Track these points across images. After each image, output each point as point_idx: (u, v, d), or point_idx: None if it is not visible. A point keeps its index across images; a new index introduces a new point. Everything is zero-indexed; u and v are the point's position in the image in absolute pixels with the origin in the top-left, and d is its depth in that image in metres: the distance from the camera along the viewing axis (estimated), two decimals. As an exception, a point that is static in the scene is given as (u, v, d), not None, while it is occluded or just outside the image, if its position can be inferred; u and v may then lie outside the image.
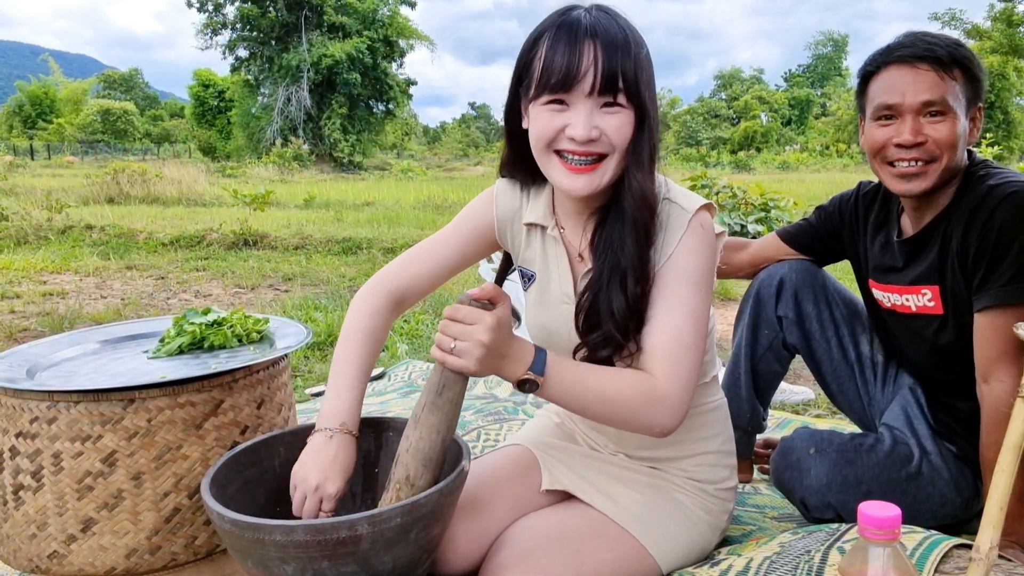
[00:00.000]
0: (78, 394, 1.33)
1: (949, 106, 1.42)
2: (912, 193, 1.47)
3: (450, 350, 1.11)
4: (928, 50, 1.42)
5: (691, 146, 45.99)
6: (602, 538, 1.32)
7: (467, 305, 1.12)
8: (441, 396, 1.18)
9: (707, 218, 1.25)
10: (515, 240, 1.43)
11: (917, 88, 1.43)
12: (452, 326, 1.12)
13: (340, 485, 1.25)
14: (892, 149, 1.47)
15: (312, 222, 9.71)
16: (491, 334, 1.10)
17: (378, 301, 1.40)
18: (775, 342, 1.81)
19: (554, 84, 1.15)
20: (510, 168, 1.39)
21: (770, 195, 7.39)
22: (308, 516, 1.23)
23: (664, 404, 1.17)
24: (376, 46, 36.69)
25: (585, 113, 1.15)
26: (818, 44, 74.06)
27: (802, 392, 2.85)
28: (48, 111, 55.28)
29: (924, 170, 1.44)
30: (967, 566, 1.06)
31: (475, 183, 18.52)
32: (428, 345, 3.81)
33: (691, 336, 1.20)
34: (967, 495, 1.56)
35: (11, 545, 1.40)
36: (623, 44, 1.14)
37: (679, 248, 1.21)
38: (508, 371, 1.14)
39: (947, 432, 1.59)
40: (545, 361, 1.16)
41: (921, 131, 1.43)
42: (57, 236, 8.54)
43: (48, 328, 4.34)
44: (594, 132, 1.15)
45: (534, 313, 1.41)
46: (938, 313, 1.52)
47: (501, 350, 1.12)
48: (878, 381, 1.78)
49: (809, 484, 1.54)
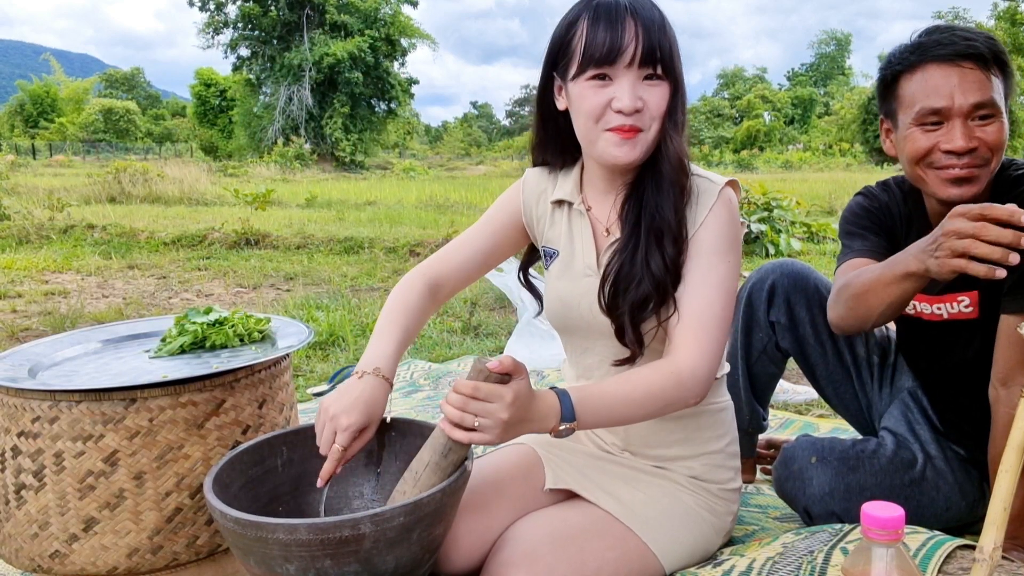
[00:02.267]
0: (80, 393, 1.33)
1: (997, 106, 1.33)
2: (963, 199, 1.36)
3: (472, 426, 1.11)
4: (970, 47, 1.32)
5: (694, 145, 45.56)
6: (606, 537, 1.31)
7: (483, 379, 1.11)
8: (446, 459, 1.18)
9: (733, 194, 1.32)
10: (540, 221, 1.47)
11: (965, 90, 1.32)
12: (472, 404, 1.10)
13: (355, 420, 1.25)
14: (939, 155, 1.36)
15: (314, 221, 9.71)
16: (511, 411, 1.10)
17: (415, 284, 1.44)
18: (768, 346, 1.79)
19: (599, 58, 1.21)
20: (540, 151, 1.45)
21: (773, 194, 7.38)
22: (323, 447, 1.26)
23: (693, 379, 1.22)
24: (378, 45, 36.70)
25: (629, 84, 1.21)
26: (821, 43, 74.03)
27: (804, 392, 2.84)
28: (50, 110, 55.35)
29: (976, 174, 1.35)
30: (971, 567, 1.06)
31: (477, 182, 18.51)
32: (431, 345, 3.80)
33: (720, 305, 1.25)
34: (972, 498, 1.54)
35: (13, 544, 1.40)
36: (660, 20, 1.23)
37: (710, 217, 1.27)
38: (538, 430, 1.16)
39: (955, 434, 1.57)
40: (572, 405, 1.16)
41: (973, 135, 1.33)
42: (59, 235, 8.54)
43: (50, 327, 4.34)
44: (639, 103, 1.22)
45: (554, 288, 1.42)
46: (974, 318, 1.46)
47: (525, 417, 1.13)
48: (875, 383, 1.76)
49: (812, 493, 1.53)
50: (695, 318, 1.24)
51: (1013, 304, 1.35)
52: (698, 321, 1.24)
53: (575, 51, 1.24)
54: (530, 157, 1.49)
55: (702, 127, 51.01)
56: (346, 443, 1.25)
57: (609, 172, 1.34)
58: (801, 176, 20.96)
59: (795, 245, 7.20)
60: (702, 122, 51.63)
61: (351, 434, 1.25)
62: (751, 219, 6.99)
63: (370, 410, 1.28)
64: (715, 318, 1.24)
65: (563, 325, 1.44)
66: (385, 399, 1.31)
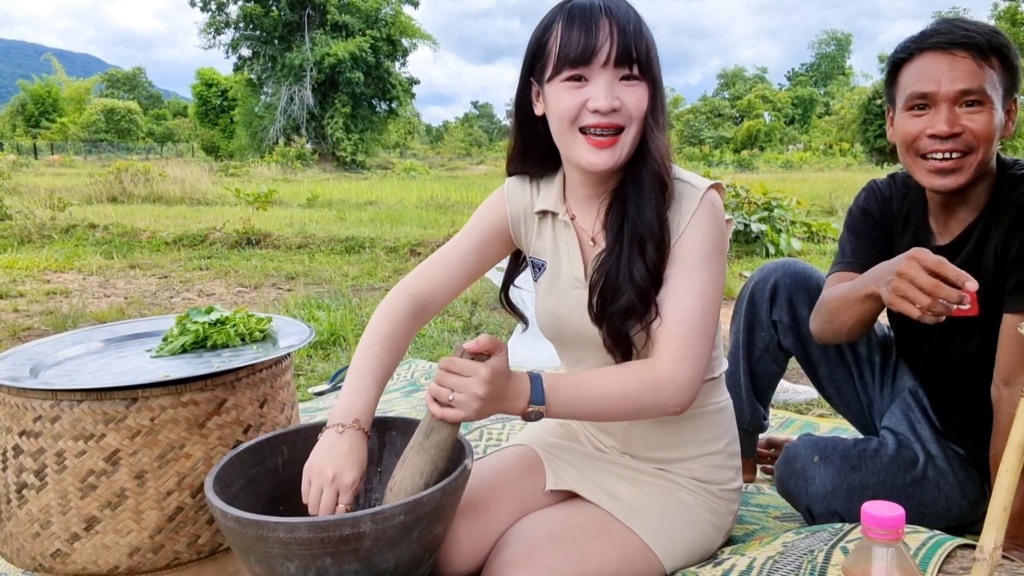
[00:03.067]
0: (81, 393, 1.33)
1: (987, 95, 1.34)
2: (947, 188, 1.40)
3: (447, 402, 1.13)
4: (966, 37, 1.35)
5: (694, 145, 45.92)
6: (606, 536, 1.31)
7: (462, 357, 1.13)
8: (428, 439, 1.19)
9: (717, 197, 1.28)
10: (527, 233, 1.45)
11: (953, 76, 1.35)
12: (448, 378, 1.13)
13: (356, 477, 1.23)
14: (926, 140, 1.39)
15: (315, 221, 9.72)
16: (486, 386, 1.11)
17: (400, 306, 1.40)
18: (771, 345, 1.79)
19: (574, 59, 1.19)
20: (519, 161, 1.42)
21: (773, 194, 7.39)
22: (325, 510, 1.21)
23: (672, 384, 1.20)
24: (379, 45, 36.71)
25: (605, 84, 1.20)
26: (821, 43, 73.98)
27: (805, 391, 2.84)
28: (51, 110, 55.39)
29: (960, 164, 1.37)
30: (971, 566, 1.06)
31: (478, 182, 18.51)
32: (432, 345, 3.81)
33: (701, 313, 1.23)
34: (973, 498, 1.54)
35: (14, 544, 1.41)
36: (635, 21, 1.21)
37: (692, 223, 1.25)
38: (509, 410, 1.16)
39: (956, 434, 1.57)
40: (543, 388, 1.17)
41: (958, 121, 1.36)
42: (60, 235, 8.55)
43: (51, 327, 4.34)
44: (616, 102, 1.20)
45: (544, 301, 1.41)
46: (974, 316, 1.48)
47: (498, 395, 1.13)
48: (876, 382, 1.76)
49: (814, 492, 1.53)
50: (676, 325, 1.22)
51: (1016, 303, 1.35)
52: (679, 327, 1.22)
53: (551, 53, 1.22)
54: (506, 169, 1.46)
55: (702, 127, 50.98)
56: (350, 503, 1.22)
57: (591, 179, 1.31)
58: (801, 176, 20.93)
59: (795, 245, 7.20)
60: (702, 122, 51.60)
61: (355, 491, 1.24)
62: (752, 219, 6.99)
63: (361, 465, 1.26)
64: (696, 326, 1.22)
65: (556, 337, 1.43)
66: (367, 452, 1.29)
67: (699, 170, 15.96)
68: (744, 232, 6.99)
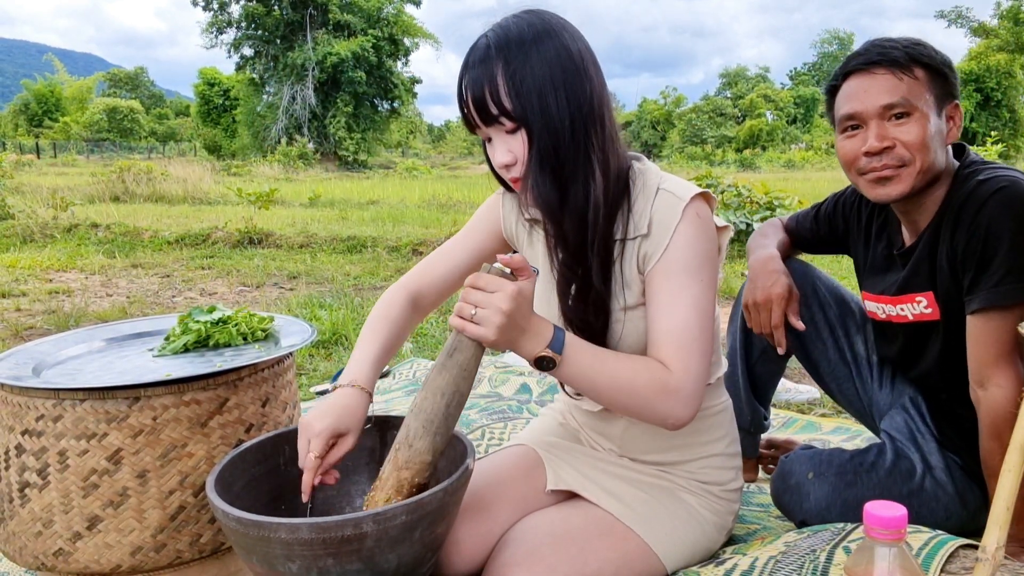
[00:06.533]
0: (84, 392, 1.33)
1: (913, 105, 1.38)
2: (890, 198, 1.43)
3: (470, 317, 1.10)
4: (882, 54, 1.40)
5: (696, 144, 45.90)
6: (607, 537, 1.31)
7: (490, 273, 1.11)
8: (452, 358, 1.15)
9: (703, 207, 1.24)
10: (520, 239, 1.45)
11: (874, 93, 1.40)
12: (473, 293, 1.10)
13: (328, 424, 1.22)
14: (863, 160, 1.43)
15: (317, 220, 9.73)
16: (512, 303, 1.09)
17: (397, 296, 1.43)
18: (769, 345, 1.79)
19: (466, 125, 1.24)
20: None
21: (775, 194, 7.37)
22: (300, 458, 1.23)
23: (678, 396, 1.18)
24: (381, 44, 36.71)
25: (498, 143, 1.22)
26: (823, 42, 73.79)
27: (807, 391, 2.84)
28: (54, 109, 55.50)
29: (897, 173, 1.40)
30: (973, 566, 1.06)
31: (480, 181, 18.50)
32: (434, 344, 3.81)
33: (697, 327, 1.20)
34: (974, 507, 1.52)
35: (17, 543, 1.41)
36: (490, 75, 1.16)
37: (675, 238, 1.21)
38: (526, 346, 1.14)
39: (952, 444, 1.56)
40: (564, 340, 1.16)
41: (887, 135, 1.39)
42: (63, 234, 8.56)
43: (54, 326, 4.35)
44: (508, 157, 1.21)
45: (538, 306, 1.40)
46: (936, 319, 1.48)
47: (521, 323, 1.12)
48: (875, 381, 1.75)
49: (809, 508, 1.53)
50: (674, 339, 1.19)
51: (974, 303, 1.36)
52: (678, 342, 1.19)
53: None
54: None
55: (705, 126, 50.90)
56: (319, 451, 1.21)
57: None
58: (803, 175, 20.91)
59: (797, 244, 7.17)
60: (705, 121, 51.50)
61: (324, 440, 1.21)
62: (754, 218, 6.98)
63: (344, 417, 1.24)
64: (695, 339, 1.19)
65: None
66: (363, 408, 1.28)
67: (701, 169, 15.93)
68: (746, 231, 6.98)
